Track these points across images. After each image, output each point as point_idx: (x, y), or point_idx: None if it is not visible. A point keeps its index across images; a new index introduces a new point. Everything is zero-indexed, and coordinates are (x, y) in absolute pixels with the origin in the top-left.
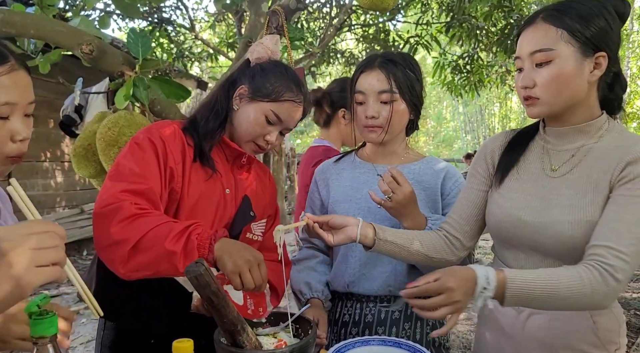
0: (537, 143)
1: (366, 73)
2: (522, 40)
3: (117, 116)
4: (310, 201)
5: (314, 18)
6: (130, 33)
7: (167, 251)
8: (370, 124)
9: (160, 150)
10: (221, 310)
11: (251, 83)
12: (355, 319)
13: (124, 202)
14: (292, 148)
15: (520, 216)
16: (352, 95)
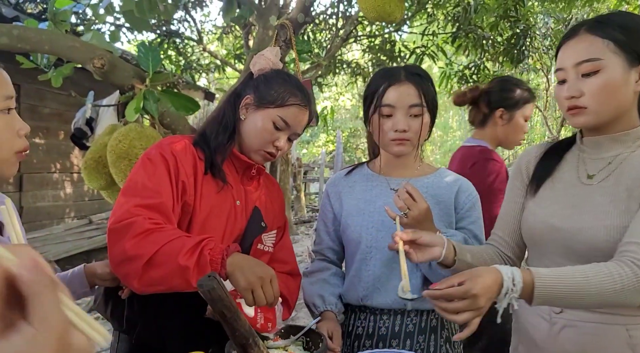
0: (573, 153)
1: (395, 86)
2: (564, 53)
3: (127, 129)
4: (322, 215)
5: (320, 29)
6: (140, 47)
7: (180, 266)
8: (399, 137)
9: (172, 165)
10: (233, 323)
11: (256, 92)
12: (369, 332)
13: (138, 217)
14: (298, 158)
15: (552, 222)
16: (376, 108)
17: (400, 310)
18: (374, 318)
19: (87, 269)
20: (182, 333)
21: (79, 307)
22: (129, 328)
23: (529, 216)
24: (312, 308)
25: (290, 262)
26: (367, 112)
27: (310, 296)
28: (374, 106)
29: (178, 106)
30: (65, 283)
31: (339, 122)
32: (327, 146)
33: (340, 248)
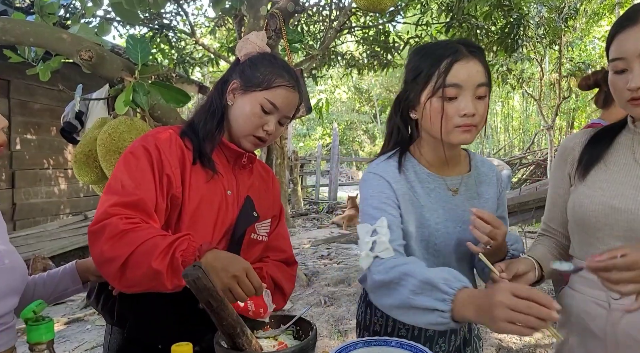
0: (626, 136)
1: (462, 63)
2: (625, 41)
3: (117, 122)
4: (386, 206)
5: (313, 21)
6: (129, 39)
7: (153, 270)
8: (467, 123)
9: (155, 158)
10: (220, 313)
11: (242, 76)
12: (414, 334)
13: (113, 218)
14: (294, 151)
15: (612, 204)
16: (436, 88)
17: None
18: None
19: (79, 265)
20: (174, 327)
21: None
22: (121, 322)
23: (583, 200)
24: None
25: (286, 250)
26: (417, 94)
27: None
28: (432, 86)
29: (168, 99)
30: (56, 280)
31: (335, 115)
32: (323, 139)
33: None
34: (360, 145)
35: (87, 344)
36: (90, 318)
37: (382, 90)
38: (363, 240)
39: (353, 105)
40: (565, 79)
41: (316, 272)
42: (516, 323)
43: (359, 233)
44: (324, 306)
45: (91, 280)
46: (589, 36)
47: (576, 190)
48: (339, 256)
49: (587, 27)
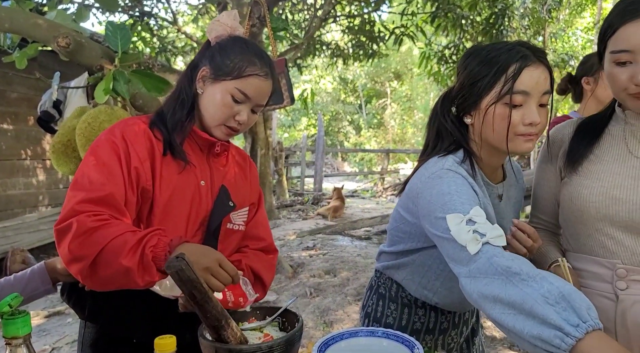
0: (616, 127)
1: (531, 68)
2: (632, 33)
3: (97, 111)
4: (469, 198)
5: (298, 9)
6: (108, 25)
7: (124, 267)
8: (531, 132)
9: (122, 150)
10: (204, 305)
11: (212, 63)
12: (429, 327)
13: (80, 215)
14: (279, 142)
15: (613, 194)
16: (502, 94)
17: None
18: (435, 314)
19: (47, 265)
20: (149, 321)
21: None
22: (93, 317)
23: (581, 191)
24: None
25: (265, 238)
26: (476, 98)
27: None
28: (497, 92)
29: (150, 87)
30: (24, 282)
31: (320, 106)
32: (308, 129)
33: None
34: (345, 136)
35: (68, 338)
36: (71, 311)
37: (367, 80)
38: (460, 228)
39: (338, 95)
40: None
41: (302, 263)
42: None
43: (450, 224)
44: (310, 298)
45: (61, 280)
46: (572, 28)
47: (571, 182)
48: (324, 248)
49: (570, 18)
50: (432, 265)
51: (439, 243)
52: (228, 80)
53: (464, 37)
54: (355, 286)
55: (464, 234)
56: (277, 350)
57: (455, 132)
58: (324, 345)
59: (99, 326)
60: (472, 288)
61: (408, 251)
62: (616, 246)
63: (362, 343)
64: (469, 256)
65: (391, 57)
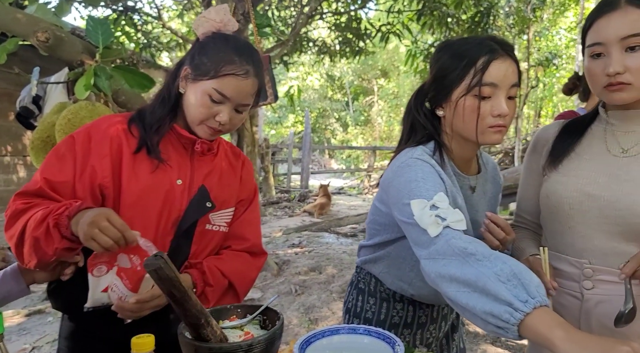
0: (597, 127)
1: (499, 61)
2: (605, 26)
3: (77, 107)
4: (435, 185)
5: (284, 6)
6: (89, 20)
7: (33, 238)
8: (499, 123)
9: (80, 147)
10: (184, 304)
11: (192, 62)
12: (407, 321)
13: (12, 204)
14: (265, 139)
15: (587, 191)
16: (471, 86)
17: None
18: (413, 308)
19: (20, 266)
20: (119, 318)
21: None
22: (70, 312)
23: (557, 187)
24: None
25: (249, 238)
26: (447, 91)
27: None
28: (467, 84)
29: (133, 83)
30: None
31: (307, 103)
32: (295, 126)
33: None
34: (332, 133)
35: (49, 336)
36: (51, 310)
37: (354, 77)
38: (423, 213)
39: (325, 92)
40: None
41: (287, 261)
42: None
43: (414, 209)
44: (295, 295)
45: (37, 280)
46: (556, 27)
47: (549, 178)
48: (310, 245)
49: (553, 17)
50: (406, 257)
51: (405, 229)
52: (205, 80)
53: (450, 36)
54: (341, 284)
55: (426, 218)
56: (257, 348)
57: (427, 124)
58: (305, 342)
59: (73, 318)
60: (431, 268)
61: (384, 243)
62: (586, 245)
63: (343, 340)
64: (430, 239)
65: (378, 55)
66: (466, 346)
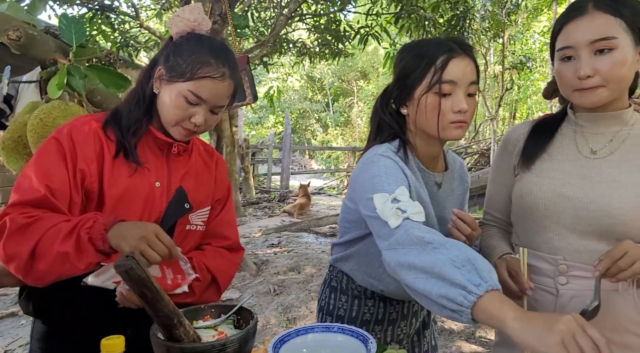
0: (567, 127)
1: (457, 60)
2: (574, 30)
3: (49, 107)
4: (397, 179)
5: (264, 7)
6: (61, 18)
7: (60, 253)
8: (460, 119)
9: (68, 151)
10: (156, 304)
11: (166, 63)
12: (377, 318)
13: (11, 215)
14: (245, 139)
15: (562, 192)
16: (432, 84)
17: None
18: (384, 304)
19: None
20: (93, 319)
21: None
22: (39, 314)
23: (532, 188)
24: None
25: (230, 237)
26: (410, 90)
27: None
28: (428, 82)
29: (108, 83)
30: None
31: (287, 104)
32: (276, 127)
33: None
34: (313, 134)
35: (22, 340)
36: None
37: (334, 79)
38: (385, 206)
39: (306, 94)
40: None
41: (266, 261)
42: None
43: (376, 203)
44: (273, 295)
45: (6, 285)
46: (530, 31)
47: (523, 179)
48: (289, 245)
49: (527, 21)
50: (375, 253)
51: (369, 223)
52: (181, 82)
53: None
54: (319, 283)
55: (387, 211)
56: (230, 347)
57: (393, 123)
58: (279, 341)
59: (45, 322)
60: (391, 258)
61: (353, 241)
62: (560, 243)
63: (317, 338)
64: (390, 231)
65: (358, 57)
66: (441, 343)
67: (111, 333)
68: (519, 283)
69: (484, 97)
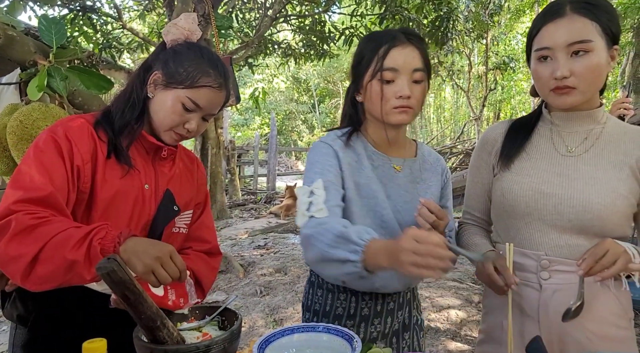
0: (543, 126)
1: (399, 48)
2: (553, 32)
3: (30, 108)
4: (327, 169)
5: (249, 8)
6: (41, 19)
7: (68, 261)
8: (403, 104)
9: (66, 149)
10: (138, 306)
11: (165, 69)
12: (350, 313)
13: (18, 214)
14: (231, 141)
15: (542, 189)
16: (375, 72)
17: (395, 292)
18: (356, 299)
19: None
20: (77, 323)
21: None
22: (21, 320)
23: (513, 186)
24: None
25: (210, 241)
26: (360, 78)
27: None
28: (372, 70)
29: (89, 85)
30: None
31: (273, 105)
32: (262, 128)
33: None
34: (299, 135)
35: (2, 346)
36: (5, 319)
37: (320, 80)
38: (301, 201)
39: (292, 95)
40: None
41: (252, 262)
42: (419, 265)
43: (298, 194)
44: (260, 296)
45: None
46: (513, 31)
47: (502, 178)
48: (276, 246)
49: (510, 23)
50: None
51: None
52: (180, 88)
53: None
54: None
55: (301, 207)
56: (215, 348)
57: (351, 111)
58: (264, 342)
59: (28, 328)
60: (304, 256)
61: None
62: (542, 239)
63: (302, 338)
64: (300, 227)
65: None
66: (427, 342)
67: (95, 336)
68: (505, 278)
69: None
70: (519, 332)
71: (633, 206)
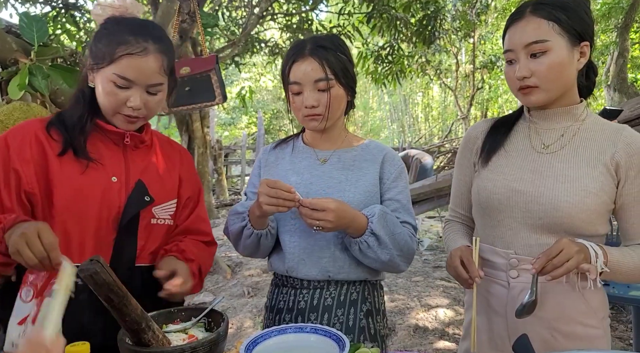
0: (522, 125)
1: (299, 62)
2: (513, 34)
3: (10, 108)
4: (251, 185)
5: (235, 7)
6: (22, 17)
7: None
8: (310, 113)
9: (1, 152)
10: (122, 308)
11: (90, 53)
12: (289, 306)
13: None
14: (218, 140)
15: (513, 186)
16: (287, 86)
17: (321, 283)
18: (294, 292)
19: None
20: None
21: None
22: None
23: (487, 184)
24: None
25: (208, 233)
26: (286, 90)
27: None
28: (284, 84)
29: (72, 83)
30: None
31: (261, 104)
32: (249, 127)
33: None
34: (286, 134)
35: None
36: None
37: None
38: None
39: (279, 94)
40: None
41: (239, 263)
42: (271, 204)
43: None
44: (248, 297)
45: None
46: (499, 31)
47: (479, 175)
48: None
49: (497, 22)
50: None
51: None
52: (105, 67)
53: (399, 38)
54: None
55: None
56: (200, 350)
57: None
58: (251, 343)
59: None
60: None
61: None
62: (513, 237)
63: (290, 339)
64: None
65: None
66: (415, 341)
67: (83, 339)
68: (470, 272)
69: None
70: (489, 328)
71: (606, 204)
